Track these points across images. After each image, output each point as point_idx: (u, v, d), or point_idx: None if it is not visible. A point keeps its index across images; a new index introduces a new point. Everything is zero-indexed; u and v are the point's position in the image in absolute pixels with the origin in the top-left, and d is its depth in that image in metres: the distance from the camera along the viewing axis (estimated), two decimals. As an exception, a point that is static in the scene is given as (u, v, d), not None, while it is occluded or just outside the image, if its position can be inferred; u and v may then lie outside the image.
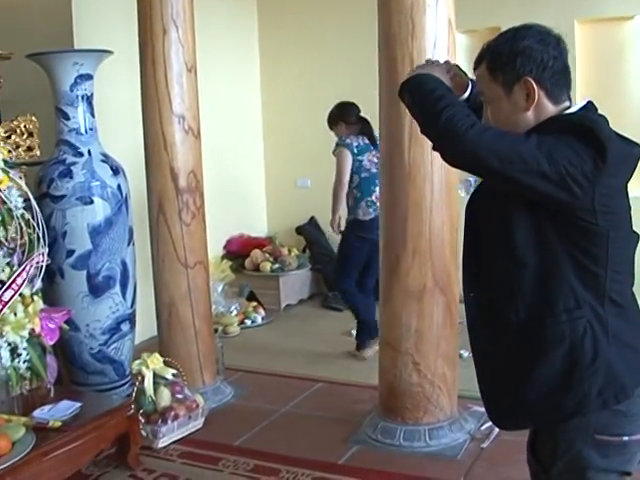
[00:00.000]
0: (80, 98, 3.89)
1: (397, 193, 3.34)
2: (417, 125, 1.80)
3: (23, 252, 3.35)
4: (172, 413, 3.59)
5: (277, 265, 6.06)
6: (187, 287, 4.04)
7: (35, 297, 3.37)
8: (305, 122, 6.32)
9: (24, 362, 3.26)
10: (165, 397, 3.65)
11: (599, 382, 1.66)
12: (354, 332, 4.97)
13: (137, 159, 4.05)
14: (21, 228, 3.34)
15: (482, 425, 3.52)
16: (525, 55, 1.69)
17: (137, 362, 3.67)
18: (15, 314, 3.24)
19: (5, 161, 3.32)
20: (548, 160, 1.59)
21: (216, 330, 4.85)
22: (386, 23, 3.28)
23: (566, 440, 1.72)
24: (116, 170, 3.99)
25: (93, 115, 3.98)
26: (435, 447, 3.39)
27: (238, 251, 6.21)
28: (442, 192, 3.32)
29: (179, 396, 3.71)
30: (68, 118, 3.90)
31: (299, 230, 6.56)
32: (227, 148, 6.17)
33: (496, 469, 3.20)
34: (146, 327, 4.61)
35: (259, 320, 5.70)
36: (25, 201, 3.39)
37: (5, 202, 3.31)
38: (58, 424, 2.99)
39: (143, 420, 3.54)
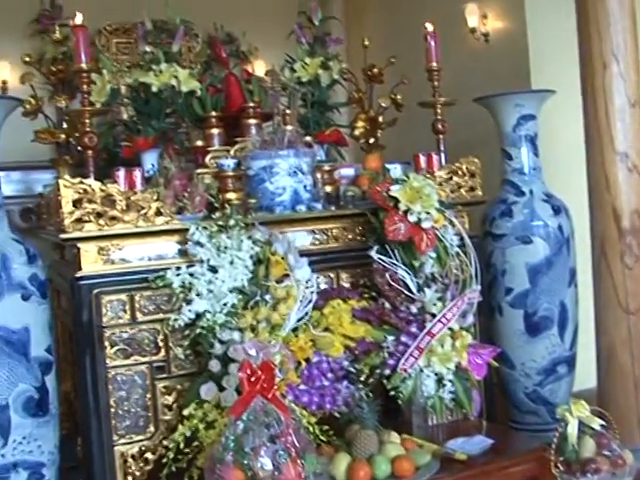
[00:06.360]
0: (523, 138, 4.01)
1: None
2: None
3: (457, 288, 3.55)
4: (593, 466, 3.41)
5: None
6: (628, 333, 3.80)
7: (464, 332, 3.55)
8: None
9: (449, 393, 3.46)
10: (589, 448, 3.49)
11: None
12: None
13: (581, 198, 3.96)
14: (456, 265, 3.55)
15: None
16: None
17: (563, 407, 3.57)
18: (442, 346, 3.46)
19: (441, 201, 3.57)
20: None
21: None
22: None
23: None
24: (558, 210, 3.99)
25: (537, 154, 4.05)
26: None
27: None
28: None
29: (605, 450, 3.52)
30: (511, 158, 4.04)
31: None
32: None
33: None
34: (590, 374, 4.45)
35: None
36: (461, 239, 3.60)
37: (441, 240, 3.57)
38: (463, 457, 3.08)
39: (562, 468, 3.45)
